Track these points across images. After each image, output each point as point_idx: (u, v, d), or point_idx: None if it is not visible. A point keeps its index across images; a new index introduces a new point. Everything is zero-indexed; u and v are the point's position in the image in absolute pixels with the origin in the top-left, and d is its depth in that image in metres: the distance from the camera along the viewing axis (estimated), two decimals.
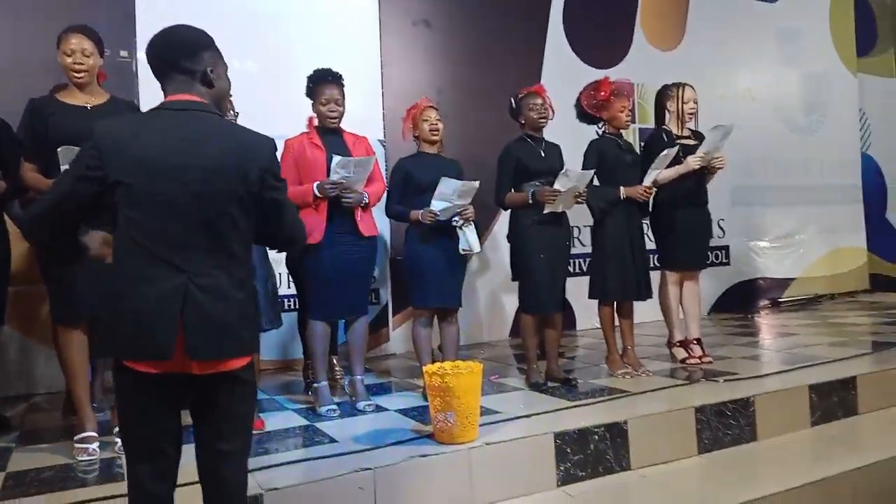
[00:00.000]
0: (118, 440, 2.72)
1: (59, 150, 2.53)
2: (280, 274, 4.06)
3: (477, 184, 3.44)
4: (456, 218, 3.40)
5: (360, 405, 3.30)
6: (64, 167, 2.50)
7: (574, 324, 5.46)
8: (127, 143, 1.58)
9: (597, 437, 2.85)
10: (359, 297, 3.38)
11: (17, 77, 3.33)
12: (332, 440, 2.84)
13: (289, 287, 4.27)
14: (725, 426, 3.13)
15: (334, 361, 3.97)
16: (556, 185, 3.48)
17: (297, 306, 4.07)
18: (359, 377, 3.38)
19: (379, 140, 4.78)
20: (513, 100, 3.75)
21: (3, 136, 2.74)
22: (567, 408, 3.16)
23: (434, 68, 5.26)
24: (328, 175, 3.18)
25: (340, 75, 3.36)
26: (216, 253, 1.61)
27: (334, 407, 3.24)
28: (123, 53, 3.30)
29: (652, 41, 6.22)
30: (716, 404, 3.13)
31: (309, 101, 3.36)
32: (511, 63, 5.38)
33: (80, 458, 2.64)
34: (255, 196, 1.67)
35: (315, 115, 3.37)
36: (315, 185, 3.15)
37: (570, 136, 3.97)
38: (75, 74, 2.71)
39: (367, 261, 3.38)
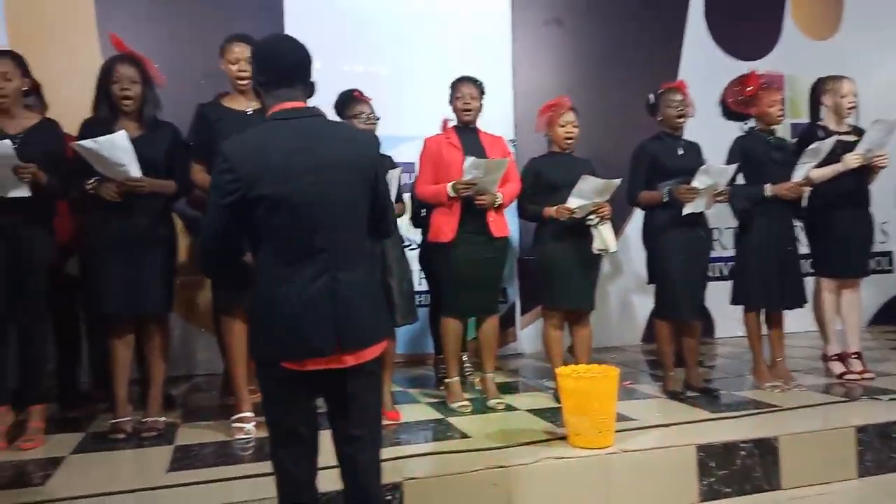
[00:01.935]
0: None
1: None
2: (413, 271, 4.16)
3: (618, 181, 3.35)
4: (591, 216, 3.32)
5: (492, 403, 3.31)
6: None
7: (712, 331, 5.18)
8: (258, 157, 1.63)
9: (744, 452, 2.68)
10: (490, 297, 3.40)
11: (183, 84, 3.64)
12: (465, 435, 2.87)
13: (420, 284, 4.37)
14: (891, 448, 2.84)
15: (464, 358, 4.01)
16: (695, 183, 3.31)
17: (428, 302, 4.16)
18: (490, 374, 3.40)
19: (510, 140, 4.77)
20: (651, 96, 3.62)
21: (172, 139, 3.00)
22: (710, 419, 3.00)
23: (566, 67, 5.18)
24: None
25: (477, 79, 3.41)
26: (348, 247, 1.69)
27: (466, 403, 3.28)
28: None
29: (804, 30, 5.77)
30: (880, 424, 2.85)
31: (438, 104, 3.45)
32: (646, 59, 5.19)
33: (237, 437, 2.85)
34: (371, 190, 1.75)
35: (453, 113, 3.42)
36: (449, 184, 3.20)
37: (712, 134, 3.77)
38: (239, 82, 2.92)
39: (498, 261, 3.40)
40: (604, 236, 3.33)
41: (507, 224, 3.43)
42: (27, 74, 2.84)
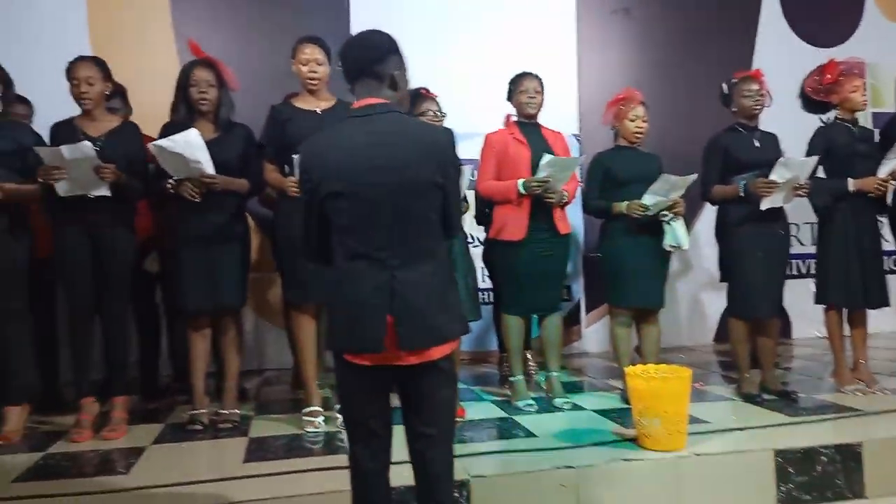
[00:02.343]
0: (339, 416, 2.97)
1: (294, 156, 2.80)
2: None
3: (694, 177, 3.27)
4: (665, 212, 3.24)
5: (558, 402, 3.28)
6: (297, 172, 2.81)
7: (789, 331, 4.98)
8: (326, 156, 1.68)
9: (825, 458, 2.56)
10: (553, 294, 3.37)
11: (255, 86, 3.73)
12: (530, 434, 2.85)
13: (483, 281, 4.36)
14: None
15: (528, 356, 3.98)
16: (773, 176, 3.17)
17: (492, 300, 4.16)
18: (555, 373, 3.36)
19: (573, 134, 4.71)
20: (724, 86, 3.48)
21: (245, 139, 3.08)
22: (788, 423, 2.88)
23: (633, 58, 5.06)
24: (532, 172, 3.20)
25: (537, 74, 3.39)
26: (413, 246, 1.68)
27: (531, 402, 3.26)
28: (340, 63, 3.55)
29: (888, 13, 5.46)
30: None
31: (501, 99, 3.42)
32: (719, 48, 5.02)
33: (307, 430, 2.92)
34: (441, 187, 1.71)
35: (514, 108, 3.40)
36: (520, 182, 3.17)
37: (789, 125, 3.61)
38: (310, 82, 2.98)
39: (562, 258, 3.37)
40: (676, 232, 3.24)
41: (569, 221, 3.39)
42: (109, 79, 2.98)
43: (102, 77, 2.93)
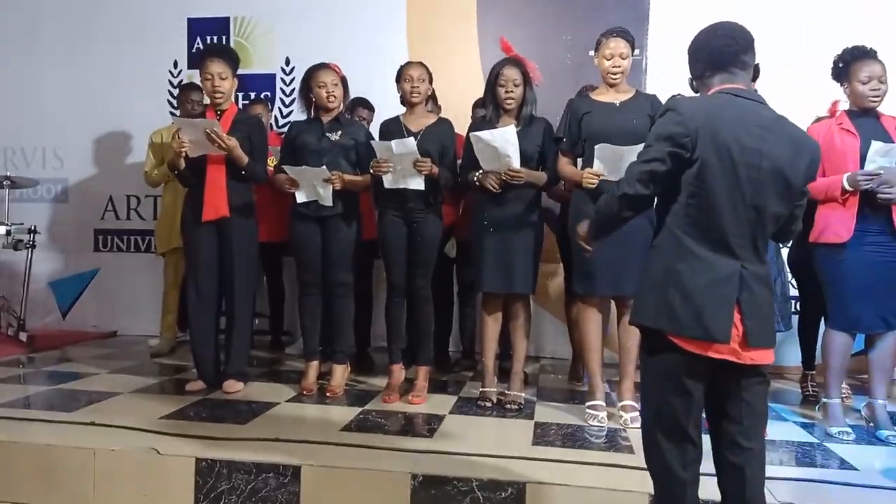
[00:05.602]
0: (623, 414, 2.93)
1: (596, 146, 2.84)
2: None
3: None
4: None
5: (882, 434, 2.83)
6: (602, 172, 2.84)
7: None
8: (711, 123, 1.59)
9: None
10: (891, 309, 2.88)
11: (551, 80, 3.80)
12: (847, 466, 2.52)
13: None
14: None
15: None
16: None
17: (798, 309, 3.72)
18: (881, 401, 2.90)
19: None
20: None
21: (545, 133, 3.13)
22: None
23: None
24: (861, 164, 2.79)
25: (876, 52, 2.92)
26: (759, 242, 1.63)
27: (848, 430, 2.87)
28: (636, 52, 3.48)
29: None
30: None
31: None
32: None
33: (590, 423, 2.92)
34: (795, 193, 1.65)
35: (847, 96, 2.97)
36: (845, 176, 2.80)
37: None
38: (612, 77, 2.96)
39: None
40: None
41: None
42: (431, 81, 3.29)
43: (428, 79, 3.25)
